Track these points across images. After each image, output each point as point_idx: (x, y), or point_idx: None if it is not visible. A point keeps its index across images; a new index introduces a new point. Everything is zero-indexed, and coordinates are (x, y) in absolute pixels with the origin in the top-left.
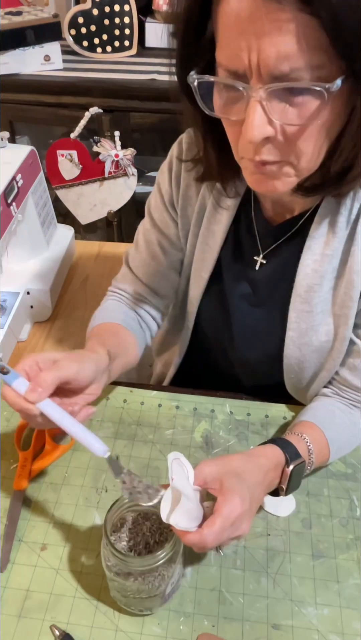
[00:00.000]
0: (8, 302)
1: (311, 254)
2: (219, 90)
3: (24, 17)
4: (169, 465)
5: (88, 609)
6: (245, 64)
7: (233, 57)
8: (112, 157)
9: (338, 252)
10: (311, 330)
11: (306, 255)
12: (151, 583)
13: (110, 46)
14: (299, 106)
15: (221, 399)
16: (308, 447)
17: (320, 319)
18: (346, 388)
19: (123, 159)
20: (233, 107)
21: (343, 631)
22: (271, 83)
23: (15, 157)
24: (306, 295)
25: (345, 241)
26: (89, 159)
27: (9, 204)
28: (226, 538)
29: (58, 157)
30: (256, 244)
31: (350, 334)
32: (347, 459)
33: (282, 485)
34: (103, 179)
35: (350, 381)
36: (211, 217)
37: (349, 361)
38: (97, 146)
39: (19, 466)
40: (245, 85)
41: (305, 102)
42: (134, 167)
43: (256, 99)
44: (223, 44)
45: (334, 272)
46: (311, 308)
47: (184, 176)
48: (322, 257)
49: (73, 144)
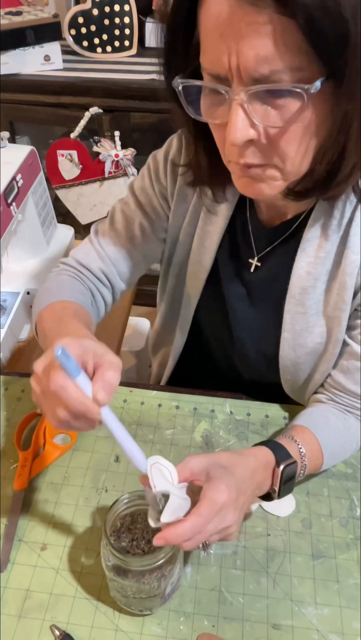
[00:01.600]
0: (8, 302)
1: (305, 256)
2: (205, 95)
3: (24, 17)
4: (149, 473)
5: (88, 609)
6: (226, 67)
7: (215, 61)
8: (112, 157)
9: (331, 255)
10: (306, 332)
11: (300, 258)
12: (151, 583)
13: (110, 46)
14: (281, 108)
15: (221, 399)
16: (299, 450)
17: (314, 321)
18: (340, 392)
19: (123, 159)
20: (217, 111)
21: (343, 631)
22: (251, 85)
23: (15, 157)
24: (300, 297)
25: (338, 244)
26: (89, 159)
27: (9, 204)
28: (213, 529)
29: (58, 157)
30: (251, 246)
31: (343, 336)
32: (347, 459)
33: (274, 487)
34: (103, 179)
35: (343, 385)
36: (206, 219)
37: (342, 363)
38: (97, 146)
39: (19, 466)
40: (227, 88)
41: (286, 104)
42: (134, 167)
43: (237, 102)
44: (205, 48)
45: (327, 274)
46: (305, 310)
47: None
48: (315, 259)
49: (73, 144)
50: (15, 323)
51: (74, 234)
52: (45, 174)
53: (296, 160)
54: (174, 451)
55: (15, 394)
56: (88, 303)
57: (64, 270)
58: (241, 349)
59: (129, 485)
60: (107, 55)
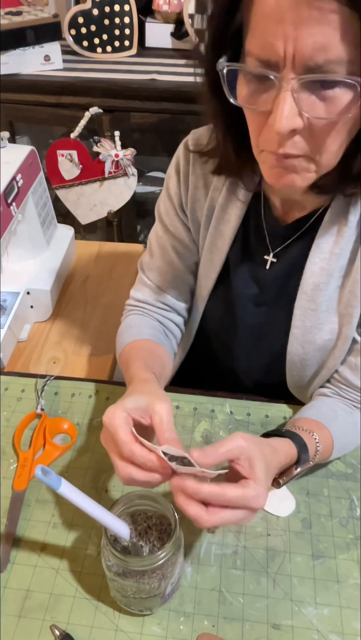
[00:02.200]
0: (8, 302)
1: (320, 252)
2: (248, 80)
3: (24, 17)
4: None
5: (88, 609)
6: (280, 53)
7: (268, 46)
8: (112, 157)
9: (347, 252)
10: (316, 329)
11: (314, 254)
12: (151, 583)
13: (110, 46)
14: (329, 100)
15: (221, 399)
16: (316, 448)
17: (325, 317)
18: (347, 387)
19: (123, 159)
20: (260, 97)
21: (343, 631)
22: (304, 74)
23: (15, 157)
24: (312, 293)
25: (354, 240)
26: (89, 159)
27: (9, 204)
28: (237, 514)
29: (58, 157)
30: (265, 243)
31: (353, 334)
32: (347, 459)
33: (280, 480)
34: (103, 179)
35: (350, 380)
36: (219, 218)
37: (350, 360)
38: (97, 146)
39: (19, 466)
40: (277, 75)
41: (336, 96)
42: (134, 167)
43: (287, 90)
44: (257, 32)
45: (341, 270)
46: (316, 306)
47: (192, 178)
48: (330, 255)
49: (73, 144)
50: (15, 323)
51: (74, 234)
52: (45, 174)
53: (334, 154)
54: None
55: (15, 394)
56: (160, 332)
57: (130, 310)
58: (247, 347)
59: (129, 486)
60: (107, 55)
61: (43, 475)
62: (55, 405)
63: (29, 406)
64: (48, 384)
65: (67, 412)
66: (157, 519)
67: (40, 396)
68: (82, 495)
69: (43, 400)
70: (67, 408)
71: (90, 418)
